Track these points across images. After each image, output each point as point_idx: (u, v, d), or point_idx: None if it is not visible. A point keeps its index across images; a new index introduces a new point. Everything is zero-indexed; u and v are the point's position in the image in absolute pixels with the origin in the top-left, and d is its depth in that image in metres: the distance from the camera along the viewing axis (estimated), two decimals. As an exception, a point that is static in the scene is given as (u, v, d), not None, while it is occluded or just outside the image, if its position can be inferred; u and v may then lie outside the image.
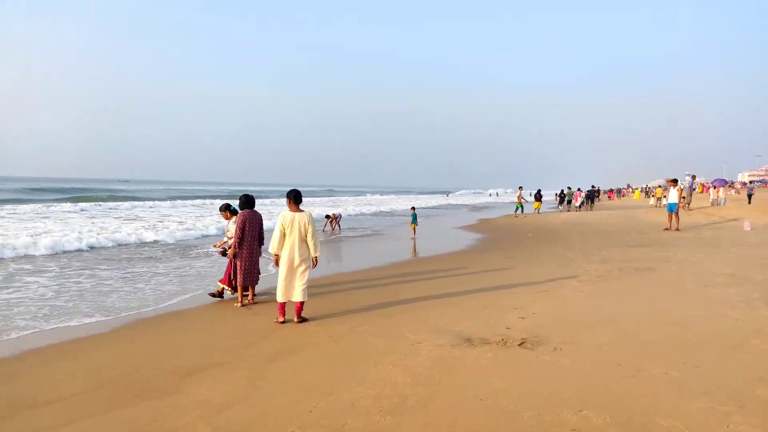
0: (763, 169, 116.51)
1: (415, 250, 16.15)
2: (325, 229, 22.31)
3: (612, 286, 8.69)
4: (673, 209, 19.62)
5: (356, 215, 33.64)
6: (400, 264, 12.52)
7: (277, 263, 6.85)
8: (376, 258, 13.76)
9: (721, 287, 8.02)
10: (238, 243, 7.99)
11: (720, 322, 5.72)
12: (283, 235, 6.77)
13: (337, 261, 14.19)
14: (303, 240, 6.81)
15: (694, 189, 35.88)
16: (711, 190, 35.59)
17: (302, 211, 6.87)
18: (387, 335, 5.97)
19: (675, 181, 20.42)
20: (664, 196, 49.07)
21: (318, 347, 5.65)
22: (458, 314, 6.84)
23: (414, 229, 19.52)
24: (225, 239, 8.85)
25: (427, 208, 47.47)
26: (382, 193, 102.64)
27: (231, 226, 8.51)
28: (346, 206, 43.88)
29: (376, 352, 5.35)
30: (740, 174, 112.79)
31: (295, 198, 6.87)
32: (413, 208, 20.18)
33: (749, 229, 18.14)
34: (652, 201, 47.69)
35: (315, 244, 6.86)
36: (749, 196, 34.84)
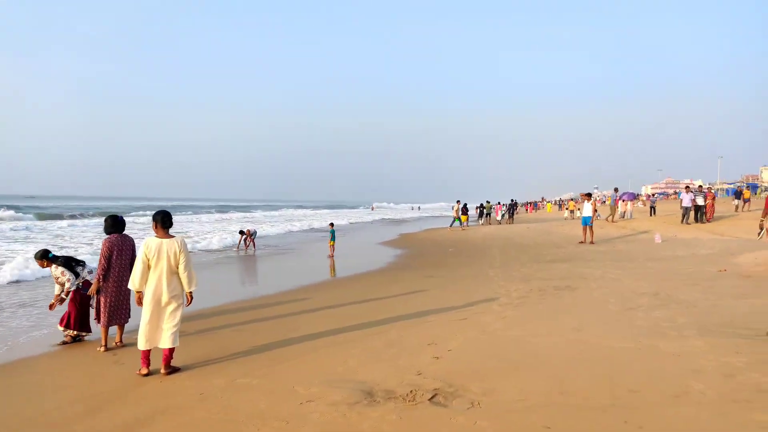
0: (663, 182, 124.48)
1: (332, 269, 15.02)
2: (239, 246, 20.84)
3: (534, 310, 7.93)
4: (587, 223, 19.63)
5: (282, 233, 32.03)
6: (310, 288, 11.34)
7: (139, 302, 5.51)
8: (285, 280, 12.50)
9: (646, 310, 7.43)
10: (103, 275, 6.55)
11: (655, 359, 4.97)
12: (147, 268, 5.44)
13: (238, 285, 12.81)
14: (173, 272, 5.52)
15: (621, 201, 37.25)
16: (620, 203, 36.92)
17: (172, 236, 5.59)
18: (273, 390, 4.79)
19: (589, 195, 20.51)
20: (578, 209, 50.93)
21: (182, 413, 4.38)
22: (363, 355, 5.76)
23: (332, 246, 18.39)
24: (57, 292, 6.88)
25: (353, 223, 46.48)
26: (311, 208, 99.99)
27: (58, 274, 6.85)
28: (271, 222, 42.06)
29: (255, 417, 4.16)
30: (644, 187, 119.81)
31: (162, 221, 5.56)
32: (331, 224, 19.05)
33: (660, 241, 18.36)
34: (566, 214, 49.04)
35: (189, 277, 5.58)
36: (652, 208, 36.50)
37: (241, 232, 21.59)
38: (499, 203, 43.93)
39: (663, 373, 4.54)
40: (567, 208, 50.44)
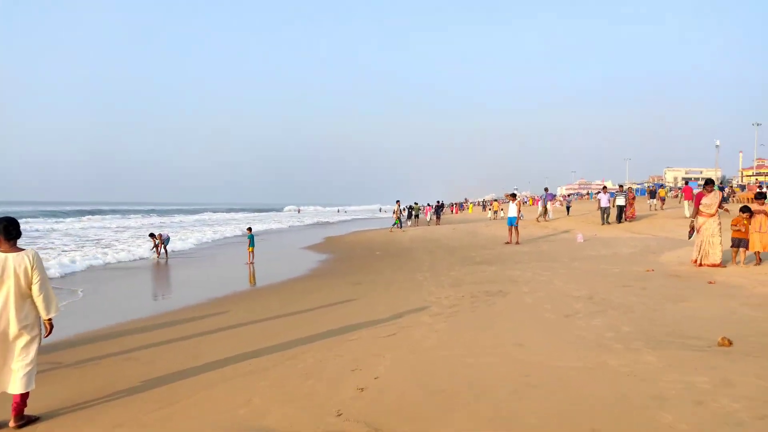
0: (577, 183, 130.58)
1: (252, 277, 13.80)
2: (153, 251, 19.04)
3: (468, 320, 7.21)
4: (512, 223, 19.42)
5: (211, 240, 30.03)
6: (224, 301, 10.13)
7: (-24, 335, 4.24)
8: (197, 292, 11.18)
9: (585, 317, 6.88)
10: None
11: (610, 383, 4.30)
12: (-17, 291, 4.19)
13: (141, 299, 11.35)
14: (24, 295, 4.29)
15: (552, 200, 38.04)
16: (540, 203, 37.79)
17: (20, 250, 4.35)
18: (150, 447, 3.71)
19: (514, 196, 20.34)
20: (502, 210, 51.81)
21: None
22: (272, 390, 4.74)
23: (251, 252, 17.09)
24: None
25: (276, 230, 44.85)
26: (232, 211, 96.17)
27: None
28: (188, 228, 39.68)
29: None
30: (559, 188, 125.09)
31: (5, 232, 4.32)
32: (249, 229, 17.73)
33: (582, 241, 18.43)
34: (489, 214, 49.69)
35: (47, 300, 4.35)
36: (568, 207, 37.65)
37: (152, 236, 19.84)
38: (428, 204, 43.77)
39: (624, 402, 3.84)
40: (490, 209, 51.28)
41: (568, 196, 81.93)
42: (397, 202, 33.29)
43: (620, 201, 24.24)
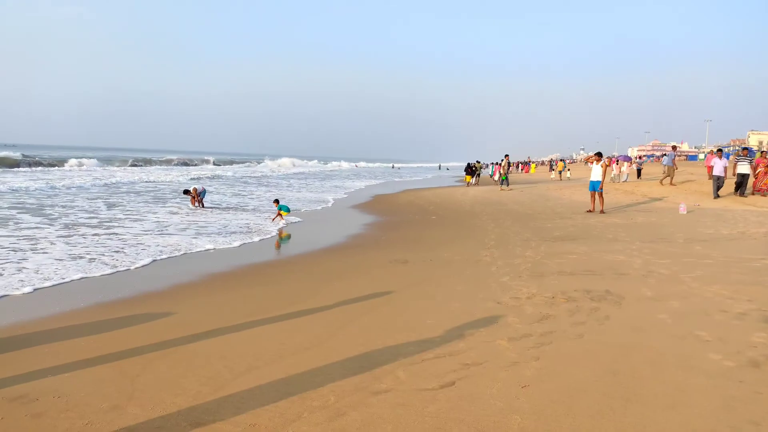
0: (650, 144, 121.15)
1: (278, 244, 11.20)
2: (191, 206, 17.00)
3: (575, 356, 4.23)
4: (596, 188, 15.88)
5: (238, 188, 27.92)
6: (218, 281, 7.51)
7: None
8: (195, 266, 8.60)
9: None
10: None
11: None
12: None
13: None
14: None
15: (615, 163, 33.50)
16: (614, 165, 33.42)
17: None
18: None
19: (599, 156, 16.64)
20: (568, 170, 47.17)
21: None
22: None
23: (280, 215, 14.47)
24: None
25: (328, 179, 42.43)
26: (321, 159, 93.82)
27: None
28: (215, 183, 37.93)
29: None
30: (630, 149, 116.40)
31: None
32: (276, 201, 15.08)
33: (686, 212, 14.75)
34: (553, 175, 45.29)
35: None
36: (638, 170, 33.36)
37: (186, 192, 17.71)
38: (497, 163, 39.90)
39: None
40: (555, 169, 46.71)
41: (640, 158, 75.23)
42: (506, 156, 29.59)
43: (743, 168, 18.27)
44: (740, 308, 5.43)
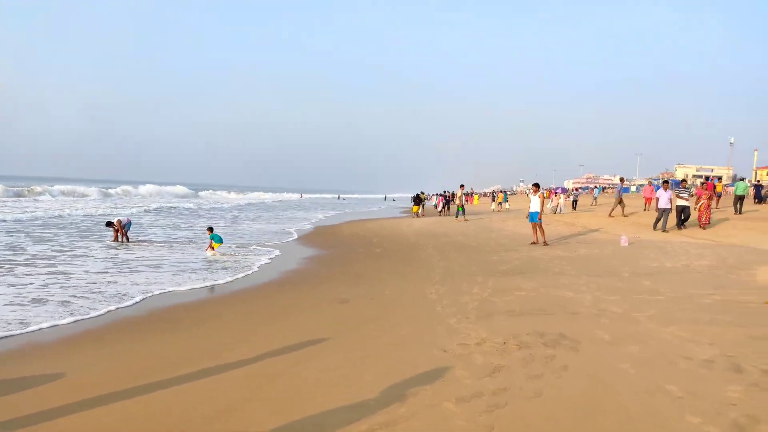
0: (584, 177, 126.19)
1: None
2: (114, 240, 15.69)
3: (530, 421, 3.58)
4: (534, 219, 15.65)
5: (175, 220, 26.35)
6: (122, 330, 6.47)
7: None
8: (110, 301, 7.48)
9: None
10: None
11: None
12: None
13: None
14: None
15: (554, 194, 33.97)
16: (553, 197, 34.07)
17: None
18: None
19: (537, 186, 16.43)
20: (507, 202, 47.77)
21: None
22: None
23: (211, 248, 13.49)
24: None
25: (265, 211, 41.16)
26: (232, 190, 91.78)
27: None
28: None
29: None
30: (566, 181, 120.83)
31: None
32: (210, 229, 14.08)
33: (627, 244, 14.73)
34: (493, 206, 45.72)
35: None
36: (574, 202, 34.13)
37: (109, 224, 16.28)
38: (440, 194, 40.00)
39: None
40: (496, 200, 47.14)
41: (576, 189, 77.83)
42: (461, 186, 29.08)
43: (683, 201, 18.10)
44: (704, 354, 4.97)
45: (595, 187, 59.02)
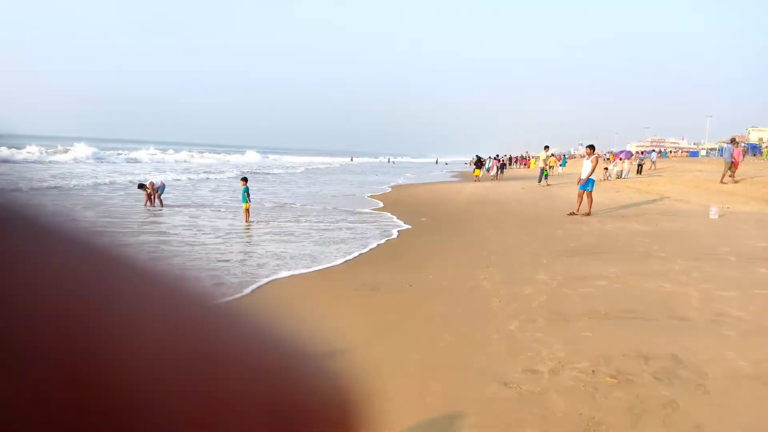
0: (649, 140, 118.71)
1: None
2: (146, 205, 14.77)
3: None
4: (585, 187, 13.27)
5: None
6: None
7: None
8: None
9: None
10: None
11: None
12: None
13: None
14: None
15: (618, 159, 31.09)
16: (617, 161, 31.09)
17: None
18: None
19: (592, 148, 13.80)
20: (560, 164, 44.47)
21: None
22: None
23: (247, 211, 12.19)
24: None
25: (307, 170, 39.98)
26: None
27: None
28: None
29: None
30: (628, 144, 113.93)
31: None
32: (244, 180, 12.70)
33: (717, 216, 12.40)
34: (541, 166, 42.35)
35: None
36: (639, 166, 31.10)
37: (141, 186, 15.26)
38: (494, 158, 37.63)
39: None
40: (548, 164, 43.88)
41: (643, 153, 72.61)
42: (545, 147, 26.63)
43: None
44: None
45: (653, 150, 54.51)
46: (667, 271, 7.06)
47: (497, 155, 41.28)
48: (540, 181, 24.50)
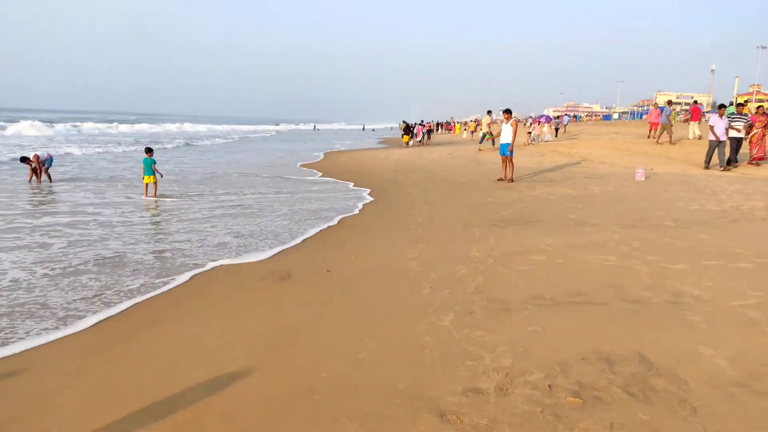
0: (564, 105, 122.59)
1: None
2: (31, 180, 12.71)
3: None
4: (505, 152, 12.59)
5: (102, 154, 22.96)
6: None
7: None
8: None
9: None
10: None
11: None
12: None
13: None
14: None
15: (537, 123, 31.14)
16: (536, 126, 31.28)
17: None
18: None
19: (509, 113, 12.99)
20: (479, 129, 44.55)
21: None
22: None
23: (150, 184, 10.66)
24: None
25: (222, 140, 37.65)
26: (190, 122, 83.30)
27: None
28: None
29: None
30: (546, 109, 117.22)
31: None
32: (149, 151, 11.04)
33: (644, 178, 12.19)
34: (464, 135, 42.36)
35: None
36: (556, 130, 32.06)
37: (24, 159, 13.10)
38: (420, 124, 36.73)
39: None
40: (465, 129, 43.69)
41: (559, 117, 74.54)
42: (489, 112, 25.51)
43: (734, 132, 13.81)
44: None
45: (566, 115, 55.91)
46: (606, 240, 6.43)
47: (422, 121, 40.60)
48: (481, 142, 23.79)
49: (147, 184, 10.68)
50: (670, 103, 20.30)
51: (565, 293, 4.54)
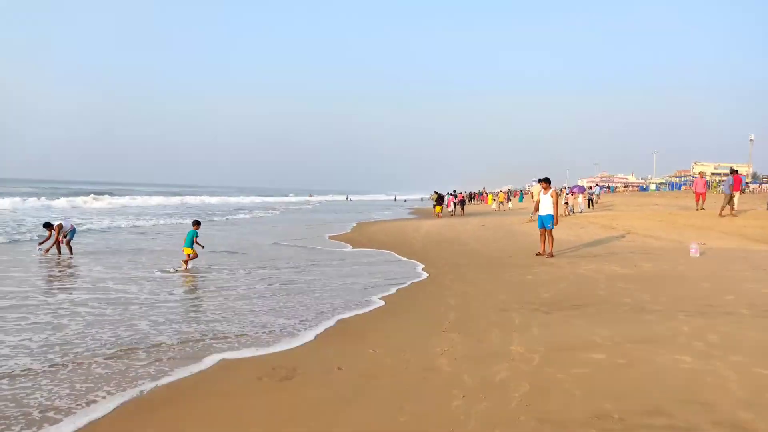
0: (599, 176, 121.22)
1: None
2: (40, 248, 12.46)
3: None
4: (546, 224, 11.55)
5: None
6: None
7: None
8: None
9: None
10: None
11: None
12: None
13: None
14: None
15: (571, 193, 30.30)
16: (569, 197, 30.30)
17: None
18: None
19: (548, 182, 12.03)
20: (509, 200, 43.57)
21: None
22: None
23: (189, 256, 10.22)
24: None
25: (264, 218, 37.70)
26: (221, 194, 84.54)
27: None
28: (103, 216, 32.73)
29: None
30: (579, 180, 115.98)
31: None
32: (196, 224, 10.78)
33: (698, 255, 11.01)
34: (494, 205, 41.46)
35: None
36: (590, 200, 31.51)
37: (48, 226, 12.90)
38: (450, 194, 36.17)
39: None
40: (496, 200, 42.74)
41: (591, 188, 73.16)
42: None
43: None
44: None
45: (597, 185, 54.97)
46: (673, 333, 5.36)
47: (454, 191, 40.11)
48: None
49: (188, 255, 10.29)
50: (733, 172, 18.47)
51: (639, 411, 3.51)
